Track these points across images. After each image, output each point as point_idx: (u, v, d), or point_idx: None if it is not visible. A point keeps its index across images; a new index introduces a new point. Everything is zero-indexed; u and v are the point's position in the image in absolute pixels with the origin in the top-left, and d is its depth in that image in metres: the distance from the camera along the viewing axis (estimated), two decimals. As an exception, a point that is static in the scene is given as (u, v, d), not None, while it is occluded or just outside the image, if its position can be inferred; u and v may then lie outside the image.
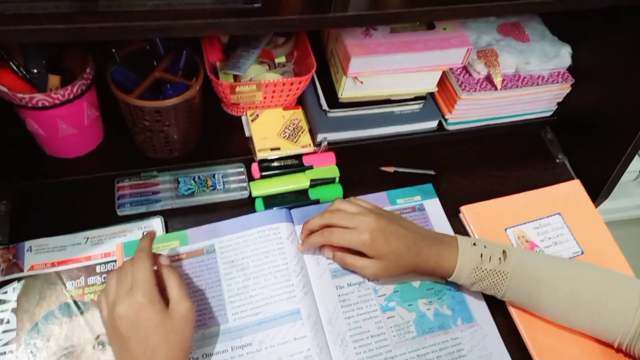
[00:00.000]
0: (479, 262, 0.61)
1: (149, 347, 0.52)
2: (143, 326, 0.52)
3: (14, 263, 0.63)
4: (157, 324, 0.52)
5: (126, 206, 0.69)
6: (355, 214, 0.63)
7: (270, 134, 0.77)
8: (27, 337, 0.58)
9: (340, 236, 0.63)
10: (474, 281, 0.62)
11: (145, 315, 0.52)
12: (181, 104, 0.65)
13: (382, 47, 0.70)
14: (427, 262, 0.63)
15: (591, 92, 0.82)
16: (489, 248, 0.63)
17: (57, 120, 0.65)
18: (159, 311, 0.53)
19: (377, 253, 0.62)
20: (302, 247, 0.67)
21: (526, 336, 0.65)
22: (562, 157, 0.87)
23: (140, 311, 0.53)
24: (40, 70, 0.65)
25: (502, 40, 0.82)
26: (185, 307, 0.55)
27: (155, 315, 0.53)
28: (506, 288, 0.62)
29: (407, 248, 0.62)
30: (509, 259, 0.62)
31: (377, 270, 0.63)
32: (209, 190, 0.73)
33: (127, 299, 0.53)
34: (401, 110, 0.81)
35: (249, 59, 0.75)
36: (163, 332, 0.52)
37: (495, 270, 0.61)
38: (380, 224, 0.62)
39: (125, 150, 0.74)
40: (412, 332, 0.63)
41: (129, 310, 0.53)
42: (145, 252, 0.56)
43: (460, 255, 0.62)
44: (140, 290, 0.53)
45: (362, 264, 0.63)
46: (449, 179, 0.81)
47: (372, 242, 0.61)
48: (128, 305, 0.53)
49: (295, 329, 0.61)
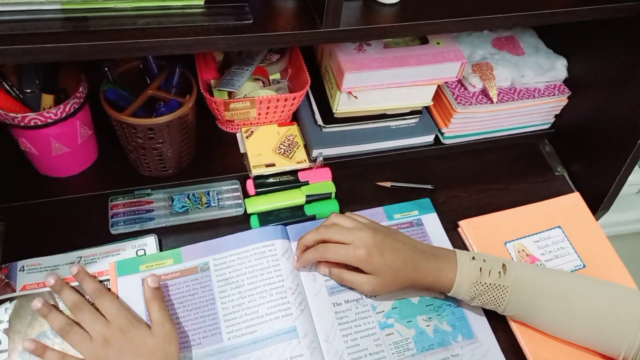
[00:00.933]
0: (479, 276, 0.60)
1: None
2: (127, 349, 0.53)
3: (6, 283, 0.62)
4: (140, 344, 0.54)
5: (120, 225, 0.69)
6: (351, 229, 0.63)
7: (265, 150, 0.76)
8: (19, 358, 0.57)
9: (336, 252, 0.62)
10: (474, 296, 0.61)
11: (128, 338, 0.54)
12: (174, 121, 0.65)
13: (376, 62, 0.70)
14: (425, 277, 0.61)
15: (588, 104, 0.82)
16: (488, 262, 0.62)
17: (50, 140, 0.65)
18: (141, 330, 0.55)
19: (373, 269, 0.61)
20: (297, 263, 0.66)
21: (528, 352, 0.63)
22: (560, 170, 0.87)
23: (123, 335, 0.54)
24: (34, 90, 0.66)
25: (496, 54, 0.82)
26: (168, 327, 0.56)
27: (138, 334, 0.54)
28: (507, 302, 0.60)
29: (404, 263, 0.61)
30: (508, 272, 0.61)
31: (374, 286, 0.62)
32: (203, 207, 0.72)
33: (109, 330, 0.55)
34: (397, 125, 0.81)
35: (243, 76, 0.75)
36: (147, 352, 0.53)
37: (495, 285, 0.60)
38: (376, 239, 0.61)
39: (119, 168, 0.73)
40: (412, 349, 0.62)
41: (114, 339, 0.54)
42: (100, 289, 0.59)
43: (459, 270, 0.61)
44: (116, 319, 0.55)
45: (359, 280, 0.62)
46: (447, 193, 0.80)
47: (368, 257, 0.60)
48: (112, 334, 0.54)
49: (292, 347, 0.60)
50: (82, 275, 0.61)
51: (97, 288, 0.59)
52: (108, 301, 0.57)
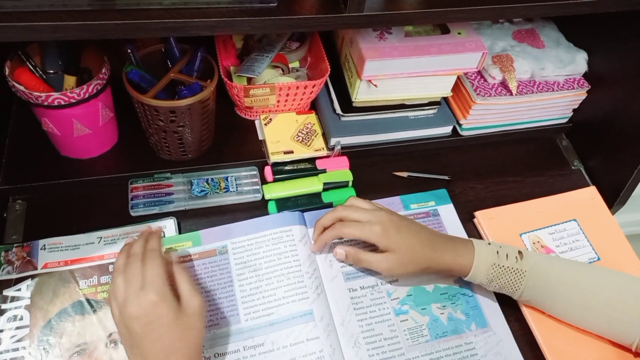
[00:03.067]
0: (496, 259, 0.61)
1: (162, 350, 0.51)
2: (157, 325, 0.51)
3: (28, 261, 0.63)
4: (171, 322, 0.52)
5: (139, 207, 0.69)
6: (368, 209, 0.64)
7: (284, 138, 0.77)
8: (40, 334, 0.58)
9: (352, 228, 0.62)
10: (492, 279, 0.61)
11: (158, 313, 0.51)
12: (195, 105, 0.65)
13: (397, 51, 0.70)
14: (442, 258, 0.62)
15: (607, 99, 0.81)
16: (504, 247, 0.62)
17: (72, 120, 0.65)
18: (172, 308, 0.52)
19: (389, 244, 0.61)
20: (315, 246, 0.66)
21: (542, 341, 0.63)
22: (577, 164, 0.86)
23: (153, 310, 0.52)
24: (57, 71, 0.66)
25: (517, 46, 0.82)
26: (197, 302, 0.54)
27: (169, 313, 0.52)
28: (524, 287, 0.61)
29: (421, 242, 0.61)
30: (525, 258, 0.61)
31: (391, 263, 0.61)
32: (221, 192, 0.73)
33: (139, 298, 0.52)
34: (415, 115, 0.81)
35: (263, 63, 0.75)
36: (177, 332, 0.51)
37: (513, 268, 0.60)
38: (393, 217, 0.63)
39: (139, 151, 0.74)
40: (426, 336, 0.62)
41: (142, 309, 0.52)
42: (156, 251, 0.56)
43: (476, 253, 0.61)
44: (152, 287, 0.52)
45: (375, 258, 0.62)
46: (463, 185, 0.80)
47: (384, 232, 0.61)
48: (140, 304, 0.52)
49: (308, 330, 0.61)
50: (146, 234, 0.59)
51: (150, 249, 0.56)
52: (149, 267, 0.54)
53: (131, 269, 0.55)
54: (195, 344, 0.53)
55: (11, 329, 0.58)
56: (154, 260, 0.55)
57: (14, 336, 0.58)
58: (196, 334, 0.53)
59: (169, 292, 0.53)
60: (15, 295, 0.61)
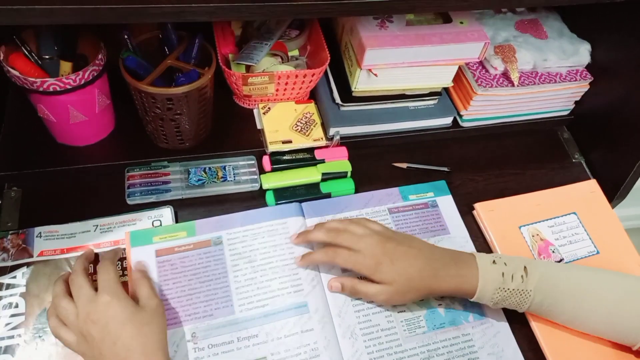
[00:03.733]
0: (501, 282, 0.58)
1: (122, 349, 0.50)
2: (113, 326, 0.51)
3: (24, 248, 0.63)
4: (127, 320, 0.51)
5: (136, 195, 0.69)
6: (361, 236, 0.60)
7: (282, 127, 0.76)
8: (36, 321, 0.58)
9: (345, 258, 0.60)
10: (497, 301, 0.59)
11: (112, 313, 0.52)
12: (193, 92, 0.64)
13: (398, 40, 0.69)
14: (445, 284, 0.59)
15: (610, 91, 0.80)
16: (510, 265, 0.59)
17: (68, 107, 0.65)
18: (127, 306, 0.52)
19: (384, 278, 0.58)
20: (302, 262, 0.64)
21: (539, 334, 0.63)
22: (578, 157, 0.86)
23: (108, 310, 0.52)
24: (52, 57, 0.65)
25: (519, 36, 0.80)
26: (155, 302, 0.55)
27: (123, 310, 0.52)
28: (529, 304, 0.59)
29: (419, 271, 0.59)
30: (530, 275, 0.58)
31: (389, 295, 0.59)
32: (219, 181, 0.72)
33: (93, 303, 0.53)
34: (415, 106, 0.80)
35: (262, 51, 0.74)
36: (134, 328, 0.51)
37: (519, 290, 0.58)
38: (387, 247, 0.59)
39: (135, 140, 0.73)
40: (423, 327, 0.62)
41: (98, 313, 0.52)
42: (108, 260, 0.57)
43: (481, 276, 0.58)
44: (104, 290, 0.53)
45: (373, 290, 0.60)
46: (463, 176, 0.79)
47: (377, 266, 0.58)
48: (96, 309, 0.52)
49: (302, 322, 0.60)
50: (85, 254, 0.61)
51: (106, 257, 0.58)
52: (104, 272, 0.55)
53: (74, 285, 0.55)
54: (155, 340, 0.52)
55: (6, 317, 0.58)
56: (104, 266, 0.56)
57: (9, 324, 0.58)
58: (154, 329, 0.52)
59: (121, 291, 0.54)
60: (11, 283, 0.60)
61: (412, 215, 0.72)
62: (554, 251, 0.71)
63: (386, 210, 0.72)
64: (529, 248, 0.71)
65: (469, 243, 0.71)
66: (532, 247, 0.71)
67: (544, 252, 0.71)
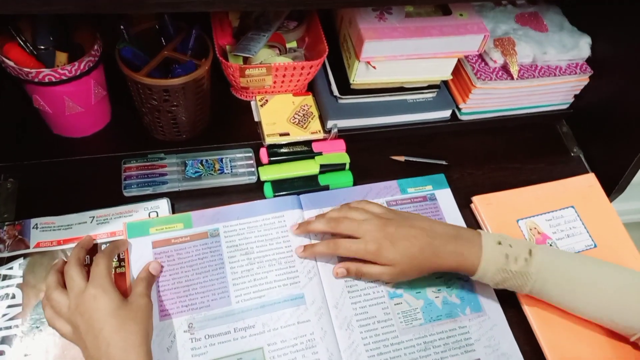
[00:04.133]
0: (504, 263, 0.58)
1: (103, 341, 0.50)
2: (97, 317, 0.51)
3: (20, 239, 0.63)
4: (111, 312, 0.52)
5: (133, 187, 0.68)
6: (361, 222, 0.61)
7: (280, 120, 0.76)
8: (33, 312, 0.58)
9: (347, 247, 0.61)
10: (498, 281, 0.59)
11: (97, 306, 0.52)
12: (190, 84, 0.64)
13: (397, 32, 0.68)
14: (446, 261, 0.59)
15: (609, 85, 0.80)
16: (515, 247, 0.59)
17: (63, 97, 0.64)
18: (113, 300, 0.53)
19: (387, 260, 0.59)
20: (304, 253, 0.64)
21: (536, 327, 0.63)
22: (577, 151, 0.85)
23: (94, 303, 0.52)
24: (48, 47, 0.65)
25: (519, 29, 0.80)
26: (144, 301, 0.55)
27: (109, 303, 0.52)
28: (530, 287, 0.59)
29: (420, 250, 0.59)
30: (534, 258, 0.58)
31: (393, 275, 0.60)
32: (216, 174, 0.72)
33: (82, 296, 0.53)
34: (414, 99, 0.80)
35: (260, 42, 0.74)
36: (117, 322, 0.51)
37: (521, 272, 0.58)
38: (388, 230, 0.60)
39: (132, 131, 0.73)
40: (420, 319, 0.62)
41: (85, 305, 0.52)
42: (104, 253, 0.58)
43: (484, 255, 0.58)
44: (93, 283, 0.54)
45: (378, 270, 0.60)
46: (461, 170, 0.79)
47: (379, 250, 0.59)
48: (84, 301, 0.53)
49: (299, 313, 0.60)
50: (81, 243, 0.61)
51: (104, 250, 0.59)
52: (95, 264, 0.56)
53: (67, 277, 0.55)
54: (138, 336, 0.51)
55: (3, 307, 0.58)
56: (97, 258, 0.56)
57: (6, 314, 0.58)
58: (139, 326, 0.52)
59: (110, 285, 0.54)
60: (7, 274, 0.60)
61: (411, 208, 0.72)
62: (551, 244, 0.71)
63: (384, 203, 0.72)
64: (527, 242, 0.71)
65: (466, 236, 0.70)
66: (530, 241, 0.71)
67: (542, 245, 0.71)
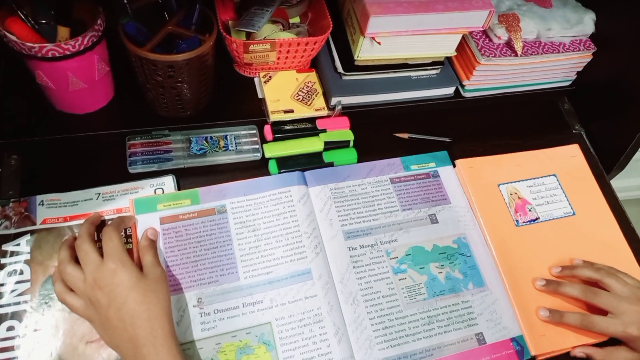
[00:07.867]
0: None
1: (128, 314, 0.51)
2: (119, 291, 0.52)
3: (26, 216, 0.63)
4: (133, 286, 0.53)
5: (138, 164, 0.68)
6: (622, 299, 0.60)
7: (284, 97, 0.75)
8: (42, 288, 0.59)
9: (604, 328, 0.59)
10: None
11: (118, 280, 0.53)
12: (194, 59, 0.63)
13: (402, 7, 0.68)
14: None
15: (612, 61, 0.80)
16: None
17: (67, 73, 0.64)
18: (132, 273, 0.54)
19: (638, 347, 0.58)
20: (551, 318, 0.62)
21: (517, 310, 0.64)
22: (578, 128, 0.86)
23: (114, 277, 0.53)
24: (49, 21, 0.64)
25: (523, 5, 0.80)
26: (159, 270, 0.56)
27: (129, 277, 0.53)
28: None
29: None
30: None
31: None
32: (221, 150, 0.72)
33: (100, 270, 0.54)
34: (418, 76, 0.79)
35: (263, 17, 0.73)
36: (139, 295, 0.52)
37: None
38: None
39: (135, 108, 0.73)
40: (423, 294, 0.63)
41: (104, 279, 0.53)
42: (113, 227, 0.58)
43: None
44: (110, 258, 0.54)
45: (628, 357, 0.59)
46: (464, 147, 0.79)
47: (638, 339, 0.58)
48: (102, 275, 0.53)
49: (306, 288, 0.61)
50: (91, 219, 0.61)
51: (111, 224, 0.59)
52: (108, 238, 0.56)
53: (81, 251, 0.56)
54: (160, 306, 0.53)
55: (11, 283, 0.58)
56: (110, 233, 0.57)
57: (15, 290, 0.58)
58: (159, 296, 0.54)
59: (127, 259, 0.55)
60: (15, 250, 0.60)
61: (414, 185, 0.72)
62: (530, 210, 0.72)
63: (388, 180, 0.72)
64: (507, 205, 0.72)
65: (469, 212, 0.71)
66: (509, 205, 0.72)
67: (521, 209, 0.72)
